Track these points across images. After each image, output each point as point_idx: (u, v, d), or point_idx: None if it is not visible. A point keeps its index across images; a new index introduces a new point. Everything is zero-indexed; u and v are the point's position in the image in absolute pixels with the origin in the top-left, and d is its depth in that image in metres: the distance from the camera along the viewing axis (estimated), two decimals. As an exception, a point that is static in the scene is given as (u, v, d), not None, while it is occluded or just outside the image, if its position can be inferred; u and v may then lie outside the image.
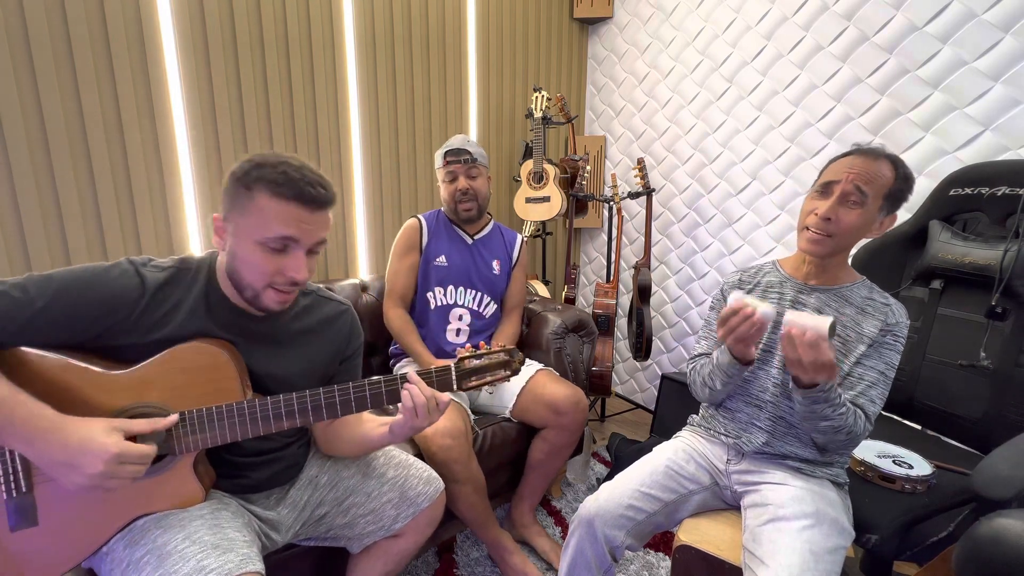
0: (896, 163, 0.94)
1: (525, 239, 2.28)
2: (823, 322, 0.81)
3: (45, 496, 0.76)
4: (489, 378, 0.90)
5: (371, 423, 0.99)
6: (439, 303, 1.58)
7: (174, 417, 0.77)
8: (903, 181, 0.94)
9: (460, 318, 1.59)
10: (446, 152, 1.56)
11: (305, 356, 0.95)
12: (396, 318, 1.56)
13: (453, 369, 0.88)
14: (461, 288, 1.60)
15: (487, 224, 1.69)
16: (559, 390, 1.44)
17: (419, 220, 1.63)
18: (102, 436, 0.69)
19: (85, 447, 0.68)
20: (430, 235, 1.61)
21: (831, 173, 0.97)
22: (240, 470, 0.92)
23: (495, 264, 1.64)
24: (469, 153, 1.55)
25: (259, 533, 0.90)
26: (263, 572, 0.77)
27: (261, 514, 0.93)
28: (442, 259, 1.59)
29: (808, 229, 0.97)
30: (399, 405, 0.88)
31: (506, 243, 1.70)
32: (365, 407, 0.87)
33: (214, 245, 0.86)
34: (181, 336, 0.81)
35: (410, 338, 1.53)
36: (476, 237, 1.65)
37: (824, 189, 0.97)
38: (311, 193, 0.80)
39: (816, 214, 0.95)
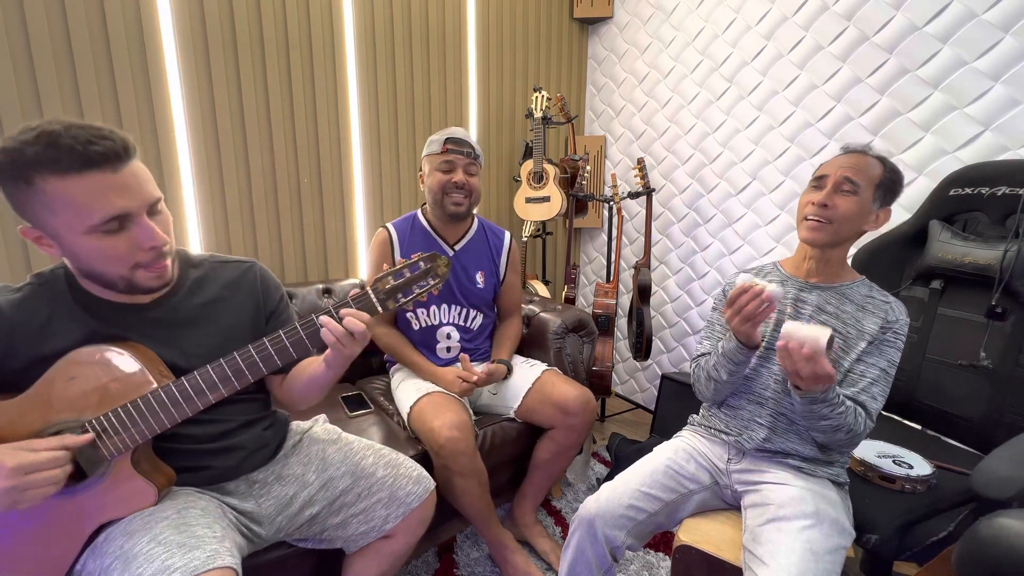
0: (883, 159, 1.00)
1: (525, 239, 2.26)
2: (821, 335, 0.81)
3: None
4: (417, 291, 0.83)
5: (311, 363, 0.96)
6: (422, 324, 1.51)
7: (87, 436, 0.75)
8: (892, 173, 0.99)
9: (448, 336, 1.52)
10: (448, 139, 1.41)
11: (220, 327, 0.91)
12: (384, 335, 1.50)
13: (371, 293, 0.83)
14: (444, 306, 1.51)
15: (471, 226, 1.57)
16: (569, 391, 1.42)
17: (388, 232, 1.50)
18: None
19: None
20: (403, 248, 1.48)
21: (823, 170, 1.03)
22: (199, 460, 0.90)
23: (479, 277, 1.53)
24: (472, 147, 1.44)
25: (237, 527, 0.89)
26: (235, 566, 0.75)
27: (239, 506, 0.92)
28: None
29: (807, 219, 1.01)
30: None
31: (491, 248, 1.57)
32: (291, 357, 0.83)
33: (49, 257, 0.82)
34: (70, 346, 0.78)
35: (405, 350, 1.49)
36: (458, 246, 1.52)
37: (818, 182, 1.03)
38: (98, 151, 0.68)
39: (813, 203, 1.00)
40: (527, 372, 1.50)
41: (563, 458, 1.48)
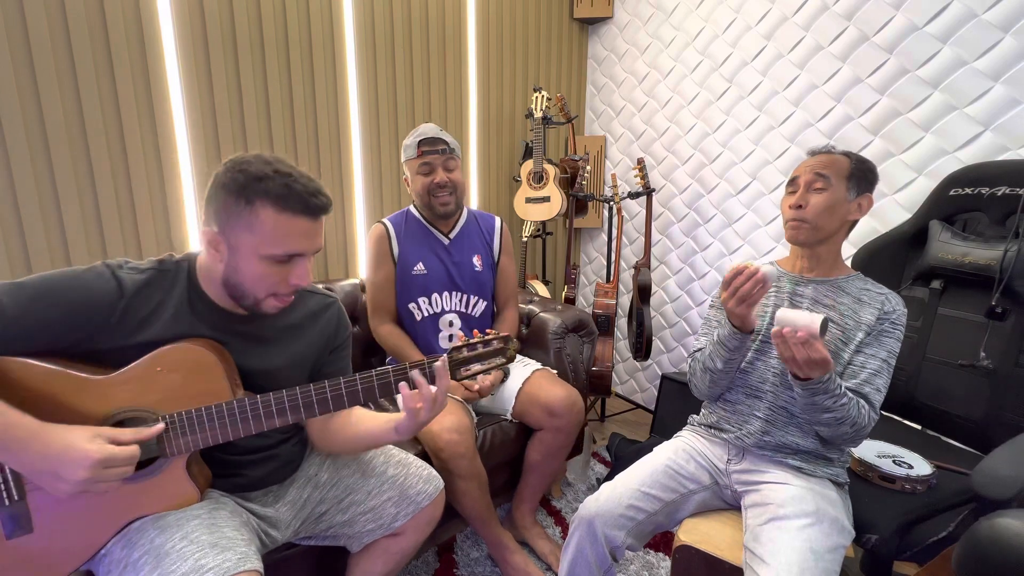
0: (848, 153, 1.05)
1: (525, 239, 2.26)
2: (814, 320, 0.83)
3: (39, 503, 0.76)
4: (484, 367, 0.88)
5: (372, 420, 0.98)
6: (426, 313, 1.51)
7: (159, 427, 0.77)
8: (860, 162, 1.03)
9: (450, 323, 1.53)
10: (421, 141, 1.43)
11: (293, 351, 0.94)
12: (388, 334, 1.50)
13: (447, 359, 0.87)
14: (446, 293, 1.52)
15: (461, 216, 1.58)
16: (554, 391, 1.41)
17: (385, 226, 1.51)
18: (83, 443, 0.68)
19: (66, 455, 0.68)
20: (400, 240, 1.49)
21: (794, 173, 1.08)
22: (235, 469, 0.92)
23: (476, 260, 1.55)
24: (446, 143, 1.44)
25: (258, 531, 0.90)
26: (261, 570, 0.77)
27: (259, 512, 0.93)
28: (420, 266, 1.49)
29: (788, 221, 1.06)
30: (399, 399, 0.86)
31: (483, 231, 1.59)
32: (357, 402, 0.85)
33: (207, 256, 0.83)
34: (166, 338, 0.80)
35: (408, 351, 1.49)
36: (452, 235, 1.54)
37: (791, 185, 1.07)
38: (316, 204, 0.80)
39: (790, 205, 1.05)
40: (519, 372, 1.51)
41: (554, 459, 1.47)
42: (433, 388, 0.84)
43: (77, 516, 0.78)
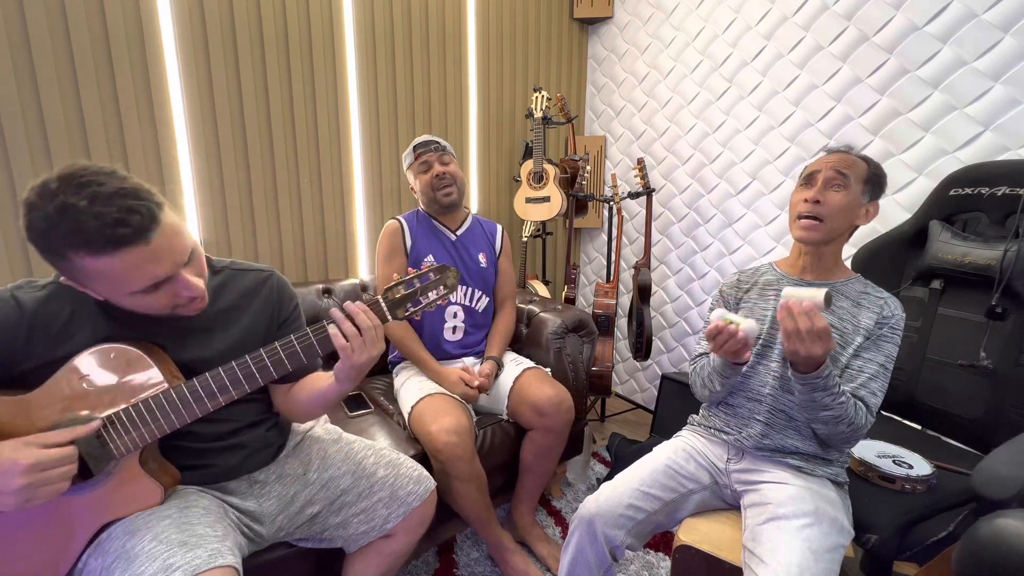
0: (864, 157, 1.03)
1: (525, 240, 2.28)
2: (819, 292, 0.85)
3: None
4: (427, 301, 0.83)
5: (318, 379, 0.96)
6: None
7: (94, 424, 0.75)
8: (876, 168, 1.02)
9: (455, 315, 1.57)
10: (415, 146, 1.55)
11: (235, 333, 0.92)
12: (395, 327, 1.52)
13: (382, 301, 0.83)
14: None
15: (466, 218, 1.65)
16: (542, 390, 1.41)
17: (399, 221, 1.57)
18: (10, 452, 0.67)
19: None
20: (413, 236, 1.55)
21: (812, 167, 1.05)
22: (203, 458, 0.90)
23: (481, 257, 1.61)
24: (438, 142, 1.54)
25: (238, 526, 0.89)
26: (236, 565, 0.76)
27: (240, 506, 0.92)
28: (430, 259, 1.54)
29: (800, 217, 1.02)
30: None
31: (487, 234, 1.67)
32: (301, 362, 0.82)
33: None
34: (92, 344, 0.79)
35: (413, 345, 1.50)
36: (459, 232, 1.61)
37: (808, 180, 1.04)
38: (127, 233, 0.67)
39: (806, 200, 1.01)
40: (511, 371, 1.52)
41: (547, 460, 1.47)
42: (355, 331, 0.80)
43: (41, 533, 0.77)
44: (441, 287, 0.84)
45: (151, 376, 0.80)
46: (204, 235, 1.64)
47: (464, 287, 1.58)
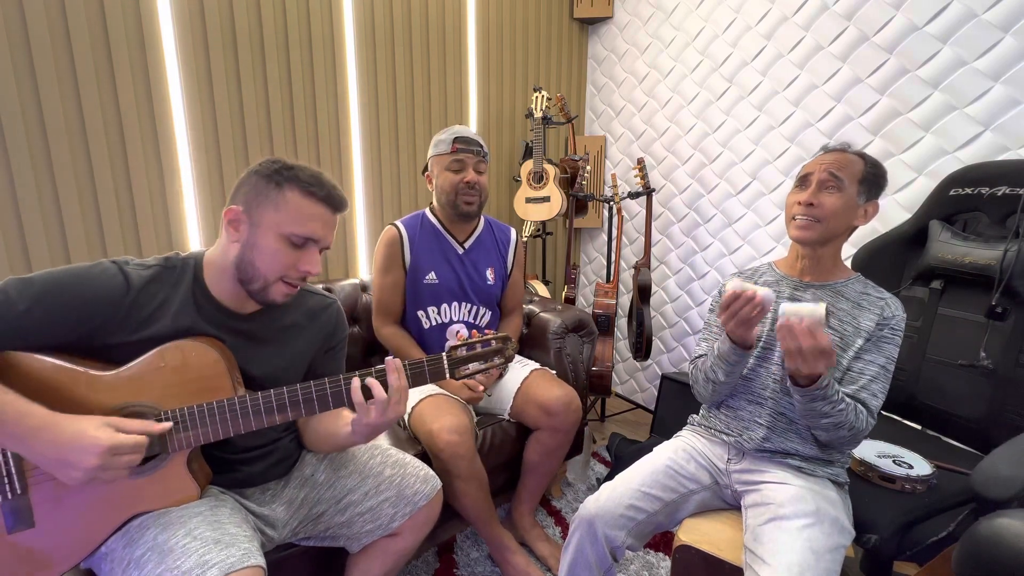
0: (863, 155, 1.02)
1: (525, 240, 2.27)
2: (819, 308, 0.84)
3: (40, 498, 0.76)
4: (482, 367, 0.89)
5: (335, 419, 0.98)
6: (434, 322, 1.50)
7: (167, 424, 0.77)
8: (874, 167, 1.00)
9: (457, 333, 1.53)
10: (457, 138, 1.41)
11: (290, 351, 0.96)
12: (391, 335, 1.50)
13: (445, 359, 0.87)
14: (455, 304, 1.51)
15: (479, 225, 1.57)
16: (551, 391, 1.41)
17: (398, 229, 1.48)
18: (94, 430, 0.69)
19: (76, 442, 0.68)
20: (413, 247, 1.47)
21: (806, 168, 1.05)
22: (232, 465, 0.93)
23: (489, 273, 1.54)
24: (480, 146, 1.44)
25: (256, 529, 0.90)
26: (264, 566, 0.77)
27: (256, 510, 0.93)
28: (432, 276, 1.47)
29: (795, 219, 1.02)
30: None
31: (499, 243, 1.59)
32: (341, 403, 0.85)
33: (226, 237, 0.86)
34: (170, 334, 0.82)
35: (411, 351, 1.48)
36: (467, 244, 1.53)
37: (802, 182, 1.04)
38: (338, 196, 0.88)
39: (800, 202, 1.01)
40: (517, 372, 1.51)
41: (552, 459, 1.47)
42: (383, 395, 0.83)
43: (79, 511, 0.78)
44: (498, 357, 0.91)
45: (220, 382, 0.82)
46: (204, 235, 1.64)
47: (469, 304, 1.53)
